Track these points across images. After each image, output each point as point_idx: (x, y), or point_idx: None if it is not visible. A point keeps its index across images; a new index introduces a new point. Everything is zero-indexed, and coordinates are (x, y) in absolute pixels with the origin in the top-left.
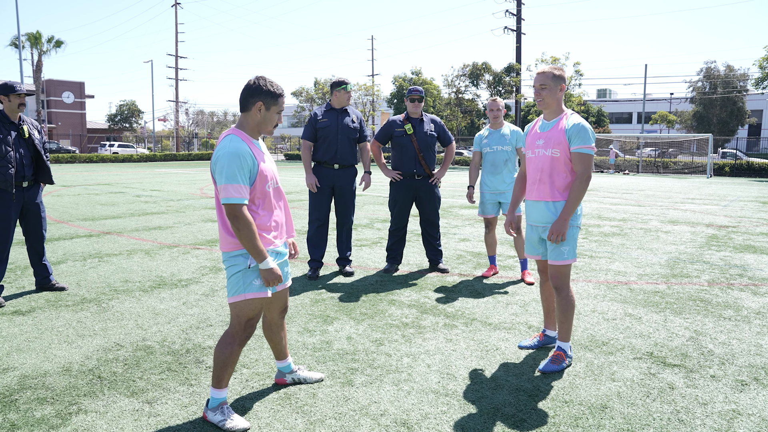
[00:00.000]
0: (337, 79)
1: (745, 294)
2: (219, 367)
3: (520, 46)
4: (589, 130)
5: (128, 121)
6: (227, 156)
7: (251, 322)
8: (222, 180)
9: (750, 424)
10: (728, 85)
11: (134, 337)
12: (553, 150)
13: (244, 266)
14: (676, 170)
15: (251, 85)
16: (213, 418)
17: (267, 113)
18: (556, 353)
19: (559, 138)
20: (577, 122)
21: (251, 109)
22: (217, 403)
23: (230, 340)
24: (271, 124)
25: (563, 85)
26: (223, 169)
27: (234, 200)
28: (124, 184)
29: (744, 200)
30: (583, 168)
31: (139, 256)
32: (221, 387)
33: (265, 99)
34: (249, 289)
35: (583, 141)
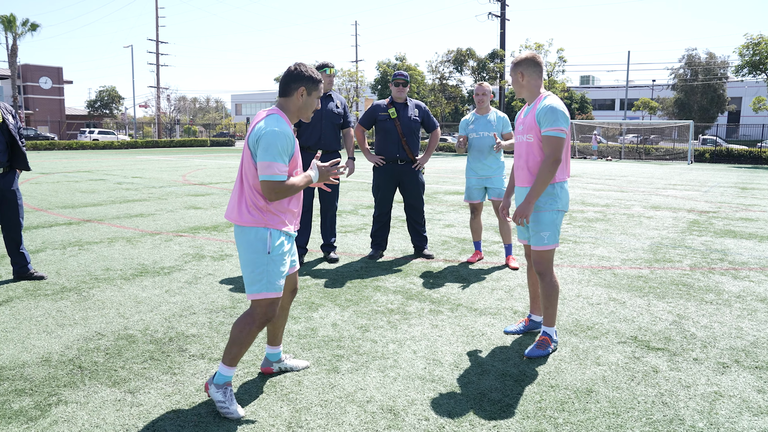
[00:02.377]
0: (321, 62)
1: (726, 278)
2: (235, 345)
3: (504, 33)
4: (560, 112)
5: (108, 108)
6: (276, 135)
7: (270, 307)
8: (267, 157)
9: (731, 405)
10: (709, 72)
11: (116, 326)
12: (527, 135)
13: (263, 252)
14: (657, 156)
15: (293, 71)
16: (214, 394)
17: (308, 98)
18: (541, 338)
19: (531, 122)
20: (547, 105)
21: (293, 95)
22: (223, 381)
23: (249, 321)
24: (311, 108)
25: (520, 71)
26: (270, 146)
27: (278, 177)
28: (105, 171)
29: (724, 186)
30: (551, 150)
31: (120, 243)
32: (232, 365)
33: (307, 84)
34: (271, 288)
35: (550, 123)
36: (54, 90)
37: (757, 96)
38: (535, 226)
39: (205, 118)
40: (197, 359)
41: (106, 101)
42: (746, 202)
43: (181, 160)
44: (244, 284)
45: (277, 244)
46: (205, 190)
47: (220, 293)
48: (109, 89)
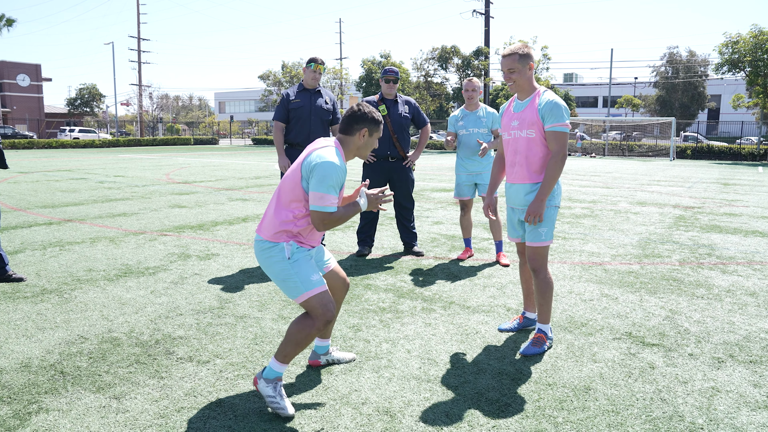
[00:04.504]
0: (310, 57)
1: (715, 273)
2: (291, 344)
3: (488, 30)
4: (563, 107)
5: (89, 106)
6: (334, 168)
7: (328, 306)
8: (321, 188)
9: (729, 400)
10: (690, 70)
11: (99, 328)
12: (528, 131)
13: (284, 261)
14: (640, 153)
15: (356, 112)
16: (264, 389)
17: (369, 139)
18: (536, 336)
19: (532, 118)
20: (550, 100)
21: (355, 134)
22: (274, 375)
23: (310, 323)
24: (370, 148)
25: (531, 63)
26: (326, 178)
27: (329, 209)
28: (86, 170)
29: (706, 182)
30: (558, 146)
31: (103, 243)
32: (285, 362)
33: (370, 126)
34: (309, 286)
35: (556, 119)
36: (32, 87)
37: (736, 93)
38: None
39: (189, 116)
40: (185, 362)
41: (87, 99)
42: (729, 198)
43: (165, 158)
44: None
45: (296, 250)
46: (189, 188)
47: (208, 293)
48: (90, 87)
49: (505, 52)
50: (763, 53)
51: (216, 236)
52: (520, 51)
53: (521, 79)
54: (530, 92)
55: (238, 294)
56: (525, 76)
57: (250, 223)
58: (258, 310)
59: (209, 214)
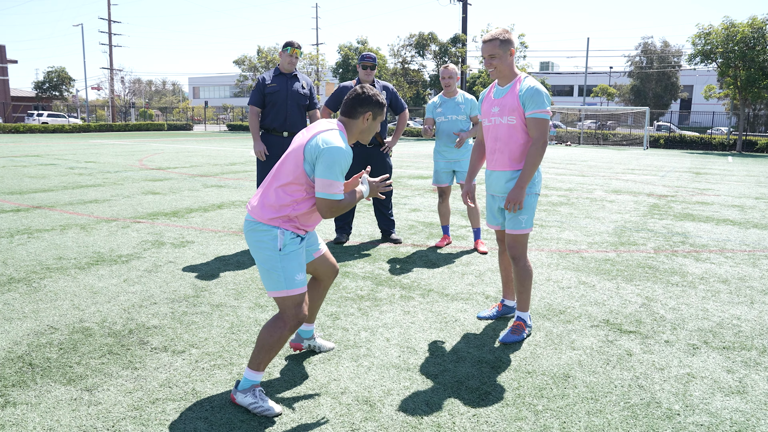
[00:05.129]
0: (286, 41)
1: (689, 260)
2: (263, 350)
3: (466, 17)
4: (544, 93)
5: (58, 90)
6: (342, 153)
7: (300, 307)
8: (330, 175)
9: (704, 386)
10: (663, 60)
11: (70, 318)
12: (509, 117)
13: (275, 250)
14: (615, 142)
15: (360, 94)
16: (243, 400)
17: (372, 123)
18: (515, 323)
19: (513, 104)
20: (531, 86)
21: (359, 118)
22: (249, 385)
23: (281, 324)
24: (372, 132)
25: (512, 49)
26: (334, 164)
27: (337, 197)
28: (56, 155)
29: (679, 171)
30: (539, 133)
31: (73, 231)
32: (259, 370)
33: (374, 109)
34: (291, 285)
35: (537, 105)
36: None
37: (708, 84)
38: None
39: (162, 101)
40: (160, 352)
41: (56, 83)
42: (701, 187)
43: (137, 145)
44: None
45: (288, 242)
46: (163, 174)
47: (183, 281)
48: (59, 70)
49: (485, 38)
50: (734, 45)
51: (191, 223)
52: (501, 36)
53: (502, 65)
54: (511, 78)
55: (213, 282)
56: (506, 62)
57: (225, 210)
58: (234, 298)
59: (184, 200)
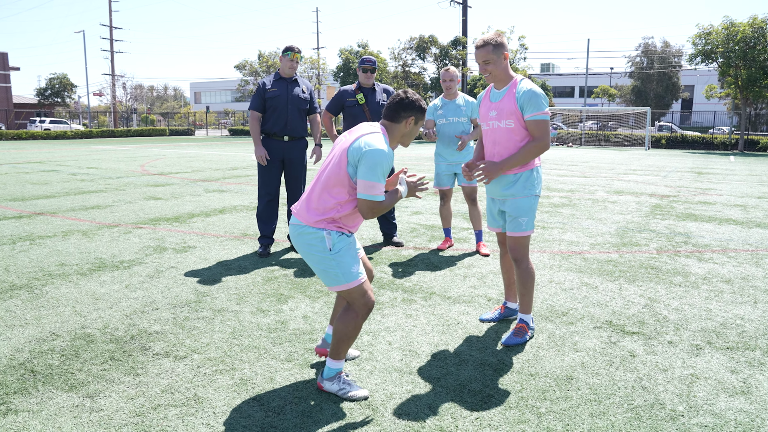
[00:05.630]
0: (287, 45)
1: (691, 260)
2: (341, 341)
3: (466, 19)
4: (541, 95)
5: (60, 96)
6: (384, 156)
7: (366, 295)
8: (372, 177)
9: (708, 387)
10: (664, 60)
11: (72, 325)
12: (507, 121)
13: (326, 251)
14: (616, 143)
15: (404, 99)
16: (330, 387)
17: (414, 127)
18: (518, 326)
19: (511, 108)
20: (527, 89)
21: (401, 122)
22: (333, 373)
23: (353, 315)
24: (413, 136)
25: (506, 52)
26: (376, 166)
27: (379, 198)
28: (58, 161)
29: (681, 171)
30: (541, 134)
31: (75, 237)
32: (340, 359)
33: (417, 114)
34: (350, 278)
35: (536, 108)
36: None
37: (708, 84)
38: (513, 211)
39: (164, 106)
40: (162, 358)
41: (58, 89)
42: (703, 187)
43: (139, 150)
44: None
45: (337, 240)
46: (165, 180)
47: (184, 287)
48: (60, 77)
49: (478, 43)
50: (734, 45)
51: (192, 228)
52: (493, 41)
53: (497, 69)
54: (507, 81)
55: (215, 287)
56: (500, 66)
57: (227, 215)
58: (236, 303)
59: (185, 205)
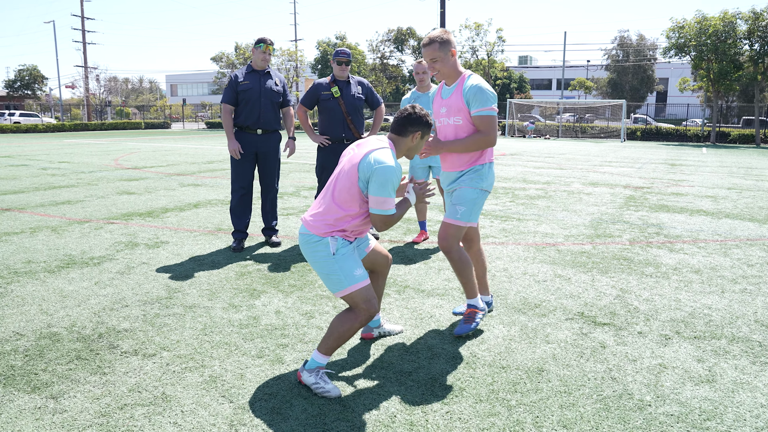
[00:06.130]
0: (258, 37)
1: (663, 251)
2: (332, 338)
3: (444, 12)
4: (488, 91)
5: (30, 88)
6: (393, 172)
7: (369, 302)
8: (383, 193)
9: (675, 376)
10: (639, 53)
11: (37, 323)
12: (455, 118)
13: (329, 256)
14: (593, 135)
15: (411, 114)
16: (307, 379)
17: (420, 141)
18: (468, 312)
19: (459, 104)
20: (473, 84)
21: (408, 136)
22: (315, 365)
23: (353, 317)
24: (418, 150)
25: (453, 49)
26: (387, 183)
27: (390, 212)
28: (28, 156)
29: (655, 162)
30: (486, 128)
31: (44, 233)
32: (327, 354)
33: (423, 129)
34: (352, 280)
35: (481, 103)
36: None
37: (682, 77)
38: (455, 199)
39: (139, 99)
40: (130, 356)
41: (28, 81)
42: (676, 178)
43: (114, 144)
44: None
45: (340, 246)
46: (139, 174)
47: (156, 283)
48: (30, 68)
49: (424, 42)
50: (706, 39)
51: (166, 223)
52: (439, 39)
53: (445, 66)
54: (456, 78)
55: (187, 283)
56: (448, 64)
57: (201, 209)
58: (208, 299)
59: (159, 200)
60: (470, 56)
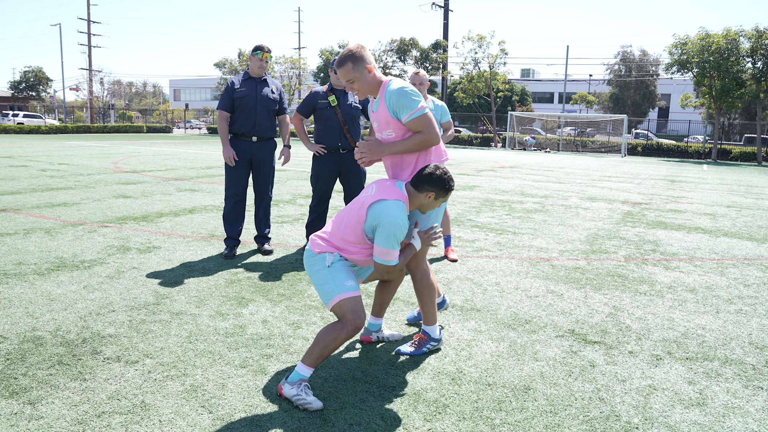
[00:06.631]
0: (256, 44)
1: (658, 269)
2: (318, 347)
3: (447, 23)
4: (408, 93)
5: (35, 90)
6: (400, 227)
7: (357, 313)
8: (388, 245)
9: (664, 398)
10: (642, 69)
11: (22, 327)
12: (387, 132)
13: (324, 268)
14: (593, 149)
15: (433, 174)
16: (288, 391)
17: (434, 201)
18: (418, 336)
19: (386, 117)
20: (392, 91)
21: (423, 192)
22: (297, 378)
23: (339, 327)
24: (430, 209)
25: (367, 65)
26: (392, 236)
27: (392, 263)
28: (29, 156)
29: (655, 178)
30: (424, 128)
31: (37, 235)
32: (311, 366)
33: (438, 191)
34: (342, 289)
35: (408, 108)
36: None
37: (684, 93)
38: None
39: (142, 103)
40: (112, 362)
41: (32, 83)
42: (675, 194)
43: (114, 147)
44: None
45: (336, 261)
46: (137, 178)
47: (144, 288)
48: (36, 70)
49: (337, 63)
50: (709, 56)
51: (159, 228)
52: (351, 59)
53: (363, 85)
54: (378, 89)
55: (176, 289)
56: (366, 80)
57: (196, 215)
58: (196, 306)
59: (155, 204)
60: (473, 68)
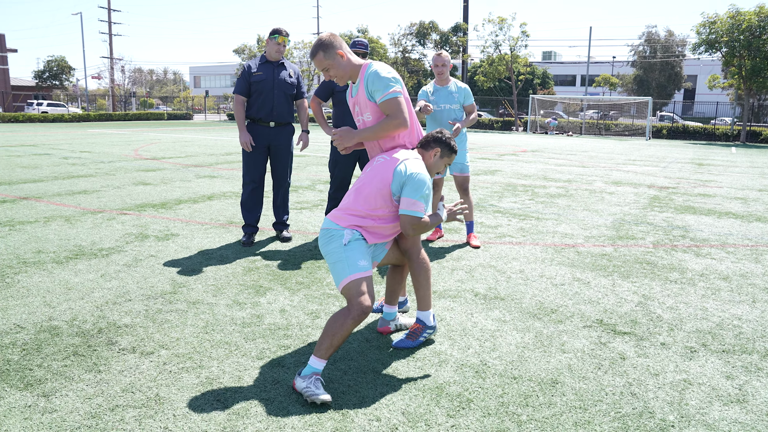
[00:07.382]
0: (274, 28)
1: (689, 256)
2: (327, 336)
3: (467, 5)
4: (384, 76)
5: (58, 79)
6: (426, 180)
7: (364, 296)
8: (415, 195)
9: (701, 394)
10: (667, 50)
11: (39, 316)
12: (366, 115)
13: (341, 246)
14: (617, 132)
15: (437, 134)
16: (299, 384)
17: (439, 160)
18: (414, 326)
19: (364, 100)
20: (370, 74)
21: (429, 151)
22: (310, 372)
23: (345, 313)
24: (438, 169)
25: (339, 51)
26: (419, 188)
27: (420, 214)
28: (52, 145)
29: (681, 162)
30: (392, 111)
31: (57, 223)
32: (323, 358)
33: (443, 149)
34: (354, 269)
35: (381, 90)
36: None
37: (712, 74)
38: None
39: (163, 90)
40: (127, 353)
41: (56, 72)
42: (703, 178)
43: (135, 134)
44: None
45: (354, 240)
46: (157, 165)
47: (161, 277)
48: (59, 59)
49: (310, 53)
50: (739, 34)
51: (178, 215)
52: (321, 48)
53: (339, 71)
54: (357, 73)
55: (193, 278)
56: (341, 66)
57: (215, 201)
58: (213, 295)
59: (174, 191)
60: (493, 51)
